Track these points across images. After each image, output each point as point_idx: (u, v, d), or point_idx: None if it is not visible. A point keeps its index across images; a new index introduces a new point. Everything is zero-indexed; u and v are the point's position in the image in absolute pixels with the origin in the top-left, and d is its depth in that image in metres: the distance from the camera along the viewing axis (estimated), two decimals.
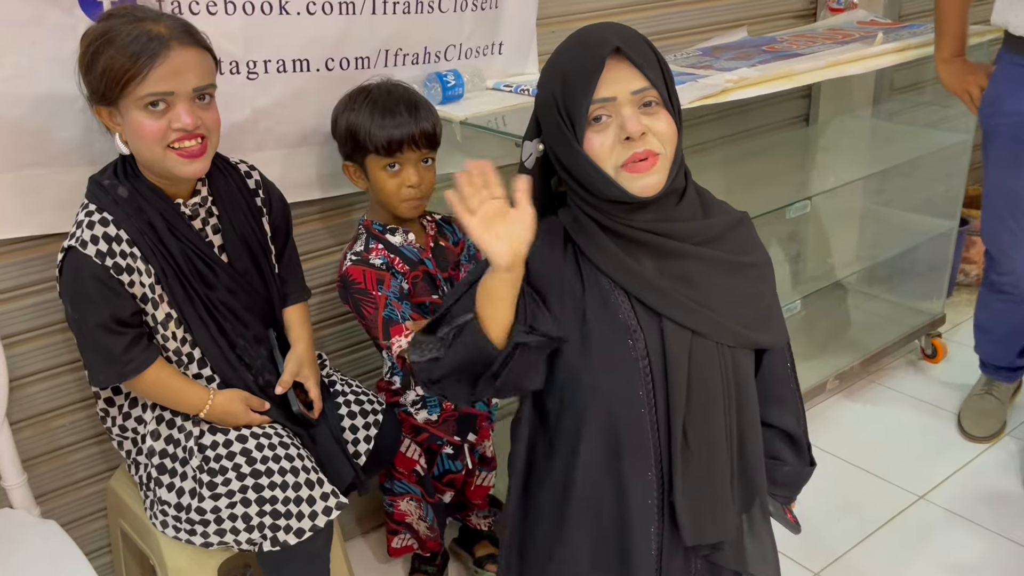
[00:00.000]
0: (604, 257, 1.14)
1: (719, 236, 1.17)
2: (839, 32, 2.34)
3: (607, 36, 1.08)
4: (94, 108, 1.28)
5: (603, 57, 1.06)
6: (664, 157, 1.10)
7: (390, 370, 1.68)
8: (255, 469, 1.34)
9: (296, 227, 1.75)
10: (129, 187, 1.31)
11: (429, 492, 1.78)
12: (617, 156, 1.09)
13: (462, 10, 1.79)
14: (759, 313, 1.20)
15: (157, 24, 1.23)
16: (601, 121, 1.09)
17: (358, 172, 1.61)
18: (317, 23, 1.59)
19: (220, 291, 1.38)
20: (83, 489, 1.64)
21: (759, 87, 1.78)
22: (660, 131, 1.10)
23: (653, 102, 1.09)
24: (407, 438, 1.70)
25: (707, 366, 1.15)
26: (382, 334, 1.53)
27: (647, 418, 1.14)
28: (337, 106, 1.62)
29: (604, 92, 1.07)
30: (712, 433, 1.17)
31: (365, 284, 1.55)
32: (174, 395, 1.37)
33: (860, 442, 2.30)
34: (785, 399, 1.27)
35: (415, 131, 1.56)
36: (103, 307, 1.28)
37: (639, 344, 1.13)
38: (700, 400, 1.15)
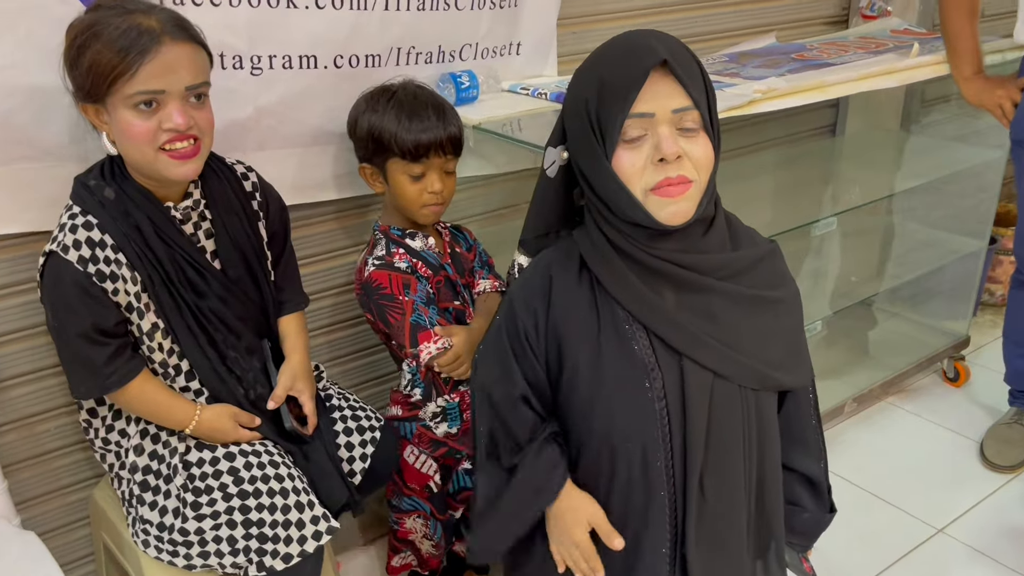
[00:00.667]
0: (623, 289, 1.07)
1: (745, 270, 1.09)
2: (872, 41, 2.25)
3: (654, 46, 0.99)
4: (80, 105, 1.20)
5: (647, 68, 0.98)
6: (697, 185, 1.03)
7: (410, 382, 1.60)
8: (242, 489, 1.27)
9: (302, 229, 1.70)
10: (116, 188, 1.24)
11: (440, 509, 1.71)
12: (648, 178, 1.01)
13: (479, 8, 1.71)
14: (785, 352, 1.13)
15: (148, 17, 1.15)
16: (635, 139, 1.01)
17: (376, 175, 1.54)
18: (326, 18, 1.52)
19: (211, 299, 1.31)
20: (68, 496, 1.58)
21: (788, 99, 1.70)
22: (697, 157, 1.02)
23: (693, 126, 1.01)
24: (424, 453, 1.63)
25: (728, 411, 1.07)
26: (409, 341, 1.46)
27: (662, 464, 1.06)
28: (356, 106, 1.55)
29: (643, 107, 0.99)
30: (730, 483, 1.10)
31: (391, 289, 1.48)
32: (159, 409, 1.30)
33: (877, 468, 2.21)
34: (808, 441, 1.20)
35: (443, 136, 1.49)
36: (84, 316, 1.21)
37: (656, 384, 1.06)
38: (719, 447, 1.08)
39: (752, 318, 1.09)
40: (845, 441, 2.32)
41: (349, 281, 1.79)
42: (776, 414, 1.16)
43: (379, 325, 1.54)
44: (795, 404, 1.19)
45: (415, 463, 1.64)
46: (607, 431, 1.09)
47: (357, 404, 1.52)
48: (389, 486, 1.69)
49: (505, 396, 1.13)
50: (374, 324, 1.57)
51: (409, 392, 1.61)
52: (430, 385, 1.59)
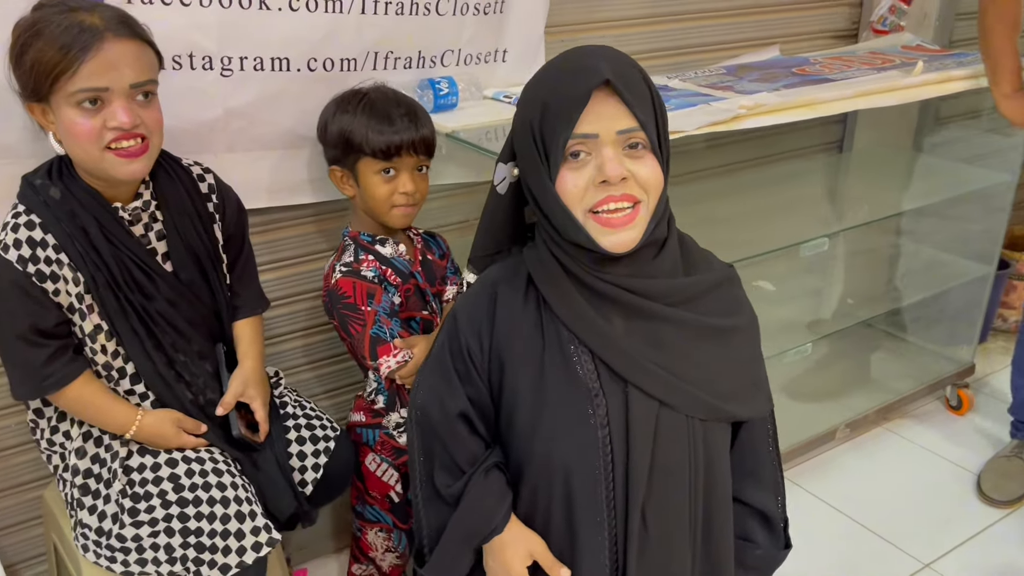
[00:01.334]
0: (569, 311, 1.03)
1: (698, 296, 1.05)
2: (879, 56, 2.18)
3: (597, 65, 0.95)
4: (26, 105, 1.19)
5: (590, 88, 0.95)
6: (644, 206, 0.99)
7: (375, 390, 1.58)
8: (182, 497, 1.25)
9: (270, 233, 1.68)
10: (62, 188, 1.22)
11: (402, 518, 1.68)
12: (589, 199, 0.97)
13: (462, 13, 1.68)
14: (739, 382, 1.08)
15: (91, 14, 1.14)
16: (579, 158, 0.97)
17: (347, 178, 1.52)
18: (300, 20, 1.49)
19: (159, 302, 1.29)
20: (26, 493, 1.58)
21: (775, 115, 1.64)
22: (643, 177, 0.98)
23: (640, 144, 0.97)
24: (385, 461, 1.61)
25: (674, 441, 1.03)
26: (369, 354, 1.44)
27: (602, 494, 1.02)
28: (326, 109, 1.53)
29: (586, 127, 0.95)
30: (674, 515, 1.06)
31: (355, 298, 1.46)
32: (98, 413, 1.28)
33: (866, 497, 2.15)
34: (762, 474, 1.15)
35: (415, 136, 1.48)
36: (23, 316, 1.19)
37: (600, 411, 1.02)
38: (663, 478, 1.04)
39: (703, 346, 1.05)
40: (835, 467, 2.26)
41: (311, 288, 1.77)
42: (727, 445, 1.11)
43: (342, 334, 1.52)
44: (750, 435, 1.14)
45: (376, 471, 1.62)
46: (547, 455, 1.05)
47: (313, 412, 1.50)
48: (353, 491, 1.66)
49: (445, 416, 1.10)
50: (339, 331, 1.55)
51: (373, 399, 1.59)
52: (394, 395, 1.57)
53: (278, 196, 1.64)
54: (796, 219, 2.11)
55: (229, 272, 1.41)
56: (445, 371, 1.10)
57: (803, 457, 2.25)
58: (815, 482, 2.18)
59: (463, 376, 1.09)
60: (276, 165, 1.60)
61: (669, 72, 2.01)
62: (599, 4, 1.93)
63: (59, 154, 1.23)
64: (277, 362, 1.70)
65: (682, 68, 2.06)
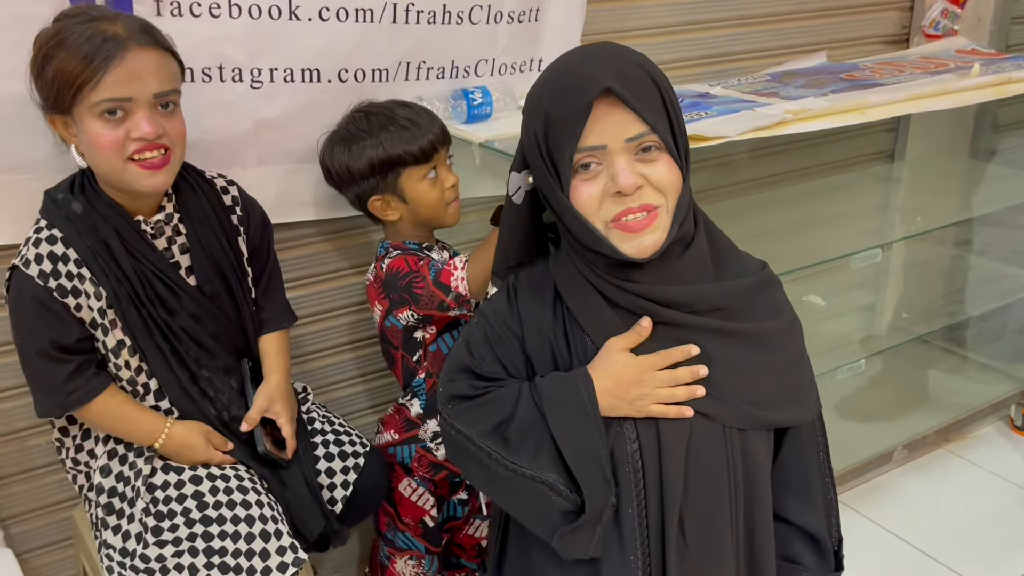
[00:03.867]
0: (595, 322, 0.99)
1: (727, 305, 0.99)
2: (932, 61, 2.10)
3: (596, 72, 0.90)
4: (48, 117, 1.18)
5: (590, 100, 0.90)
6: (664, 209, 0.94)
7: (412, 393, 1.53)
8: (205, 515, 1.21)
9: (303, 248, 1.66)
10: (84, 202, 1.20)
11: (435, 543, 1.63)
12: (607, 211, 0.93)
13: (496, 22, 1.65)
14: (779, 388, 1.02)
15: (113, 24, 1.12)
16: (590, 169, 0.93)
17: (389, 201, 1.48)
18: (330, 31, 1.47)
19: (182, 316, 1.27)
20: (57, 513, 1.56)
21: (822, 120, 1.57)
22: (659, 179, 0.93)
23: (653, 147, 0.92)
24: (421, 486, 1.56)
25: (709, 452, 0.98)
26: (439, 290, 1.40)
27: (633, 512, 0.96)
28: (332, 157, 1.48)
29: (592, 140, 0.91)
30: (715, 529, 0.99)
31: (407, 266, 1.44)
32: (126, 425, 1.26)
33: (926, 522, 2.04)
34: (810, 490, 1.07)
35: (438, 128, 1.48)
36: (43, 332, 1.18)
37: (628, 424, 0.97)
38: (701, 490, 0.98)
39: (737, 353, 1.00)
40: (893, 490, 2.15)
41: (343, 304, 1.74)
42: (769, 455, 1.05)
43: (394, 337, 1.48)
44: (795, 445, 1.07)
45: (411, 496, 1.57)
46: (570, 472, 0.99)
47: (342, 428, 1.46)
48: (383, 518, 1.61)
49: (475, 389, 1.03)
50: (390, 333, 1.50)
51: (408, 403, 1.54)
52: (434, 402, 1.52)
53: (310, 210, 1.61)
54: (846, 230, 2.03)
55: (254, 286, 1.39)
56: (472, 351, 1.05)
57: (858, 480, 2.15)
58: (871, 506, 2.08)
59: (491, 358, 1.04)
60: (307, 178, 1.58)
61: (711, 80, 1.95)
62: (635, 12, 1.89)
63: (81, 168, 1.21)
64: (307, 380, 1.66)
65: (724, 76, 2.00)
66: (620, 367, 0.97)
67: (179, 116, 1.21)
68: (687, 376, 0.97)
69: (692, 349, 0.97)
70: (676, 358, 0.98)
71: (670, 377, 0.97)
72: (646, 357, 0.97)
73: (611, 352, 0.98)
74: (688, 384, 0.97)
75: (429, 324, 1.50)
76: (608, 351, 0.98)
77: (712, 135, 1.42)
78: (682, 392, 0.97)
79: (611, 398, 0.97)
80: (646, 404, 0.97)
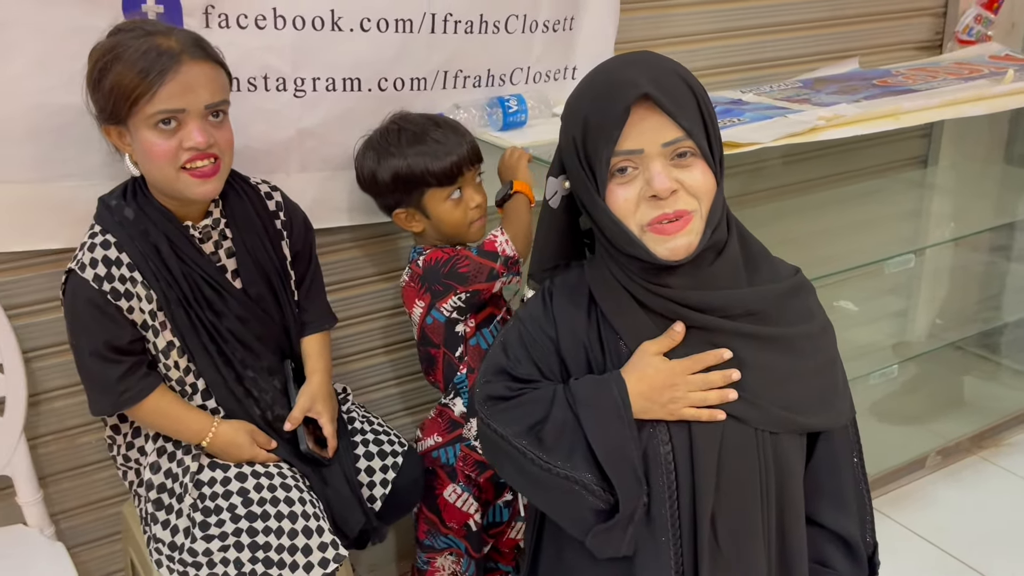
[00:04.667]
0: (628, 326, 1.01)
1: (760, 310, 1.01)
2: (966, 67, 2.10)
3: (635, 78, 0.93)
4: (102, 128, 1.23)
5: (628, 104, 0.92)
6: (698, 214, 0.96)
7: (453, 389, 1.56)
8: (250, 511, 1.25)
9: (341, 252, 1.70)
10: (136, 208, 1.25)
11: (476, 547, 1.65)
12: (643, 215, 0.95)
13: (532, 31, 1.68)
14: (812, 392, 1.04)
15: (168, 38, 1.17)
16: (626, 173, 0.95)
17: (412, 215, 1.52)
18: (371, 41, 1.51)
19: (229, 319, 1.31)
20: (106, 509, 1.60)
21: (856, 126, 1.58)
22: (693, 184, 0.95)
23: (688, 152, 0.95)
24: (466, 491, 1.58)
25: (741, 454, 0.99)
26: (488, 259, 1.45)
27: (666, 513, 0.98)
28: (363, 162, 1.52)
29: (629, 144, 0.93)
30: (746, 530, 1.01)
31: (445, 254, 1.48)
32: (175, 423, 1.30)
33: (960, 529, 2.03)
34: (843, 494, 1.08)
35: (467, 149, 1.49)
36: (98, 333, 1.22)
37: (660, 427, 0.99)
38: (733, 492, 0.99)
39: (770, 357, 1.01)
40: (926, 497, 2.14)
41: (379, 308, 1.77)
42: (802, 459, 1.06)
43: (435, 335, 1.51)
44: (828, 449, 1.08)
45: (456, 501, 1.59)
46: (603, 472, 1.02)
47: (381, 428, 1.49)
48: (423, 526, 1.64)
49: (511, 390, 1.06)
50: (431, 331, 1.53)
51: (451, 402, 1.56)
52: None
53: (350, 215, 1.65)
54: (879, 236, 2.03)
55: (297, 288, 1.43)
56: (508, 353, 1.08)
57: (891, 485, 2.14)
58: (904, 512, 2.07)
59: (526, 360, 1.07)
60: (348, 185, 1.61)
61: (743, 86, 1.97)
62: (668, 20, 1.91)
63: (134, 176, 1.26)
64: (347, 382, 1.70)
65: (756, 83, 2.02)
66: (653, 371, 0.99)
67: (228, 125, 1.25)
68: (720, 380, 0.99)
69: (724, 353, 0.99)
70: (709, 362, 0.99)
71: (703, 381, 0.99)
72: (679, 361, 0.99)
73: (644, 356, 1.00)
74: (720, 388, 0.99)
75: (469, 316, 1.52)
76: (641, 355, 1.00)
77: (745, 141, 1.44)
78: (714, 396, 0.99)
79: (644, 401, 0.99)
80: (679, 407, 0.99)
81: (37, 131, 1.32)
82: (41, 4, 1.26)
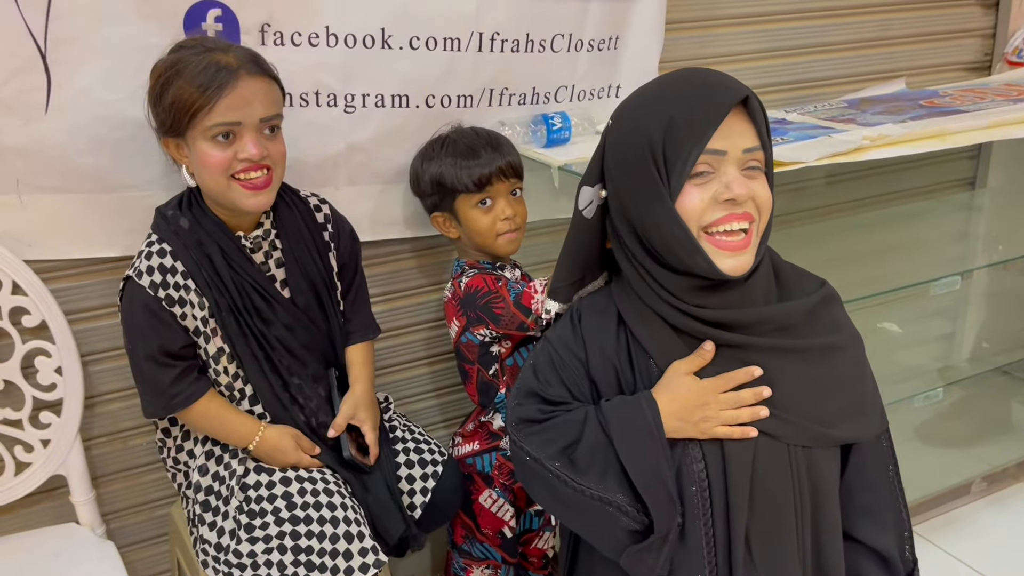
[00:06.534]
0: (658, 347, 1.03)
1: (791, 324, 1.02)
2: (1015, 88, 2.07)
3: (733, 84, 0.97)
4: (162, 140, 1.28)
5: (729, 104, 0.95)
6: (756, 227, 0.98)
7: (493, 408, 1.58)
8: (294, 515, 1.28)
9: (386, 265, 1.73)
10: (191, 218, 1.30)
11: (512, 553, 1.67)
12: (708, 216, 0.97)
13: (576, 50, 1.70)
14: (843, 404, 1.04)
15: (226, 55, 1.22)
16: (703, 175, 0.97)
17: (449, 221, 1.56)
18: (420, 58, 1.55)
19: (277, 327, 1.35)
20: (156, 510, 1.65)
21: (901, 147, 1.58)
22: (761, 196, 0.98)
23: (758, 166, 0.98)
24: (502, 497, 1.60)
25: (774, 470, 1.00)
26: (520, 312, 1.45)
27: (700, 531, 0.99)
28: (414, 164, 1.60)
29: (717, 144, 0.95)
30: (782, 546, 1.01)
31: (487, 286, 1.50)
32: (223, 426, 1.34)
33: (1007, 558, 1.98)
34: (878, 509, 1.08)
35: (501, 163, 1.53)
36: (152, 338, 1.27)
37: (694, 445, 1.00)
38: (766, 509, 1.00)
39: (801, 370, 1.02)
40: (971, 525, 2.10)
41: (424, 319, 1.80)
42: (836, 473, 1.06)
43: (470, 352, 1.54)
44: (861, 462, 1.07)
45: (491, 507, 1.61)
46: None
47: (422, 437, 1.52)
48: (460, 530, 1.66)
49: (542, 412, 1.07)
50: (465, 348, 1.56)
51: (491, 419, 1.59)
52: None
53: (396, 228, 1.69)
54: (925, 257, 2.01)
55: (343, 299, 1.46)
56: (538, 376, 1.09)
57: (935, 511, 2.11)
58: (948, 539, 2.03)
59: (557, 382, 1.08)
60: (395, 198, 1.65)
61: (787, 106, 1.97)
62: (713, 39, 1.92)
63: (190, 186, 1.31)
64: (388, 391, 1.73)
65: (801, 102, 2.02)
66: (684, 390, 1.00)
67: (281, 139, 1.30)
68: (751, 398, 0.99)
69: (755, 371, 1.00)
70: (740, 380, 1.00)
71: (734, 399, 0.99)
72: (710, 380, 1.00)
73: (675, 376, 1.01)
74: (752, 405, 1.00)
75: (505, 340, 1.55)
76: (673, 374, 1.01)
77: (789, 160, 1.45)
78: (746, 413, 0.99)
79: (676, 420, 0.99)
80: (711, 426, 0.99)
81: (100, 143, 1.37)
82: (107, 21, 1.32)
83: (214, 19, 1.38)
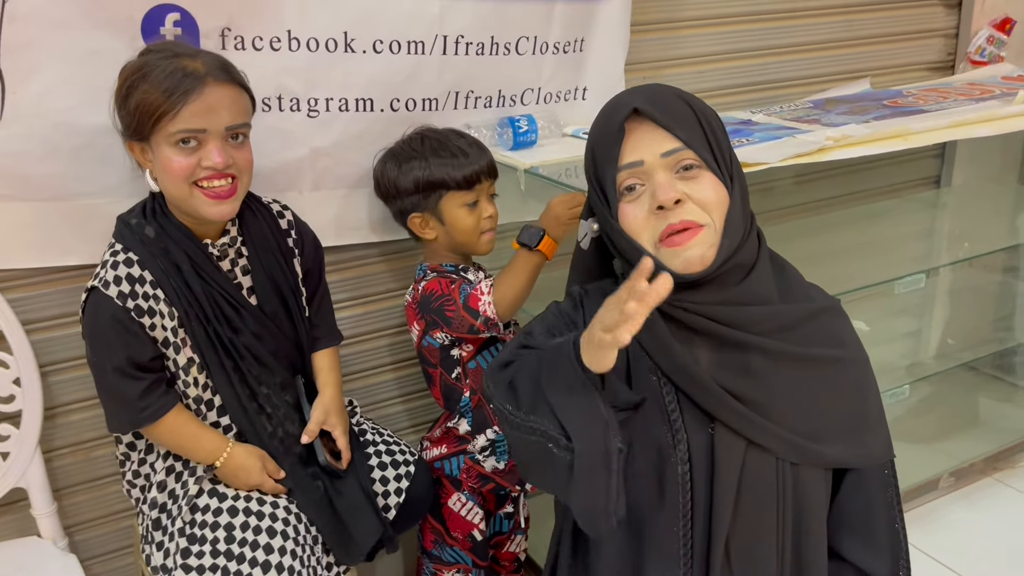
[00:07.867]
0: (654, 342, 1.00)
1: (794, 325, 1.01)
2: (978, 87, 2.10)
3: (627, 99, 0.99)
4: (126, 143, 1.26)
5: (620, 121, 0.97)
6: (711, 228, 0.96)
7: (459, 412, 1.58)
8: (229, 550, 1.26)
9: (352, 269, 1.72)
10: (156, 226, 1.28)
11: (483, 556, 1.67)
12: (653, 229, 0.97)
13: (542, 53, 1.70)
14: (839, 423, 1.02)
15: (194, 60, 1.20)
16: (634, 190, 0.98)
17: (427, 221, 1.54)
18: (384, 62, 1.54)
19: (245, 335, 1.33)
20: (120, 521, 1.62)
21: (864, 147, 1.59)
22: (701, 196, 0.96)
23: (693, 165, 0.96)
24: (471, 500, 1.61)
25: (761, 481, 0.98)
26: (468, 314, 1.45)
27: (679, 531, 0.98)
28: (384, 170, 1.55)
29: (629, 157, 0.97)
30: (759, 558, 1.00)
31: (441, 289, 1.50)
32: (189, 442, 1.32)
33: (976, 552, 2.01)
34: (871, 531, 1.05)
35: (487, 162, 1.53)
36: (120, 350, 1.24)
37: (681, 446, 0.99)
38: (747, 519, 0.99)
39: (798, 379, 1.00)
40: (940, 519, 2.13)
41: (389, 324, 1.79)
42: (824, 493, 1.04)
43: (431, 355, 1.54)
44: (858, 484, 1.05)
45: (460, 510, 1.61)
46: None
47: (391, 439, 1.51)
48: (429, 535, 1.65)
49: None
50: (427, 352, 1.55)
51: (456, 424, 1.58)
52: (481, 415, 1.57)
53: (361, 233, 1.68)
54: (891, 256, 2.02)
55: (308, 305, 1.45)
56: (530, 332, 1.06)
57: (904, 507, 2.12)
58: (917, 534, 2.04)
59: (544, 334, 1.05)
60: (360, 203, 1.64)
61: (753, 107, 1.98)
62: (678, 41, 1.93)
63: (152, 192, 1.28)
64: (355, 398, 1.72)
65: (766, 103, 2.03)
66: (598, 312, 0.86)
67: (248, 147, 1.28)
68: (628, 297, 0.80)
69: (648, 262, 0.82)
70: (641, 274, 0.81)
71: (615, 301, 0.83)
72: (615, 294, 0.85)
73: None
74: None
75: (465, 343, 1.54)
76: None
77: (753, 161, 1.45)
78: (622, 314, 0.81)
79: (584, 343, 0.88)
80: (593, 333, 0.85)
81: (55, 150, 1.35)
82: (61, 27, 1.30)
83: (173, 23, 1.36)
